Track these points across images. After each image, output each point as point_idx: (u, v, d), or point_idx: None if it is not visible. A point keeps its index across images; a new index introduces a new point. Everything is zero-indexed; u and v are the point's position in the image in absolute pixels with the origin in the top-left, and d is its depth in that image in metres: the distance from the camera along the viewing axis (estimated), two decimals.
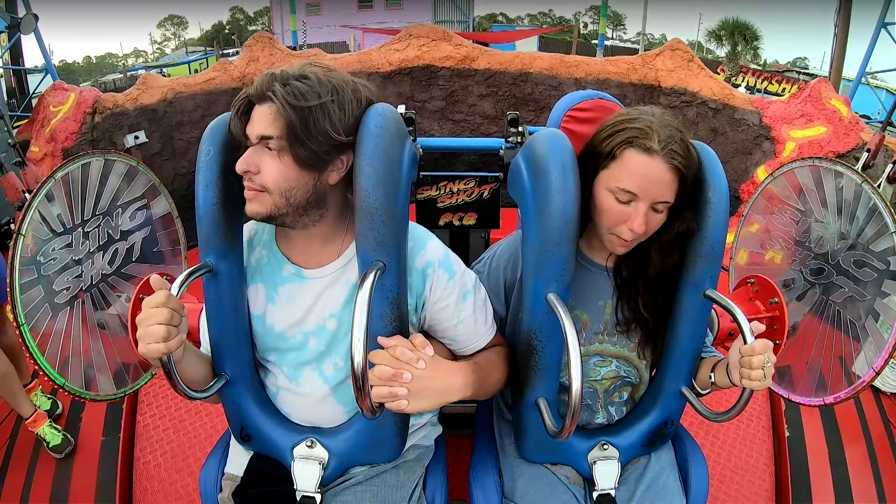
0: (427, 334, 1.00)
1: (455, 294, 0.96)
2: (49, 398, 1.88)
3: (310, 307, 0.95)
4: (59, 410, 1.87)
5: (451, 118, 3.98)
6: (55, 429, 1.76)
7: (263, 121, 0.82)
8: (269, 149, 0.83)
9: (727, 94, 3.43)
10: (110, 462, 1.72)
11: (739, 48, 16.29)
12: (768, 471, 1.85)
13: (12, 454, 1.77)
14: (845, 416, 1.95)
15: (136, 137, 3.17)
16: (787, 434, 1.84)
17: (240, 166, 0.84)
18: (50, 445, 1.73)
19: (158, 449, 1.86)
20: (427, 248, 0.95)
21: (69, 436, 1.76)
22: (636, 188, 0.89)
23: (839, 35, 5.59)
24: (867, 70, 5.06)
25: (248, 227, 1.00)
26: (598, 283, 1.05)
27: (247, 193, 0.86)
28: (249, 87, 0.84)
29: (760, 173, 3.12)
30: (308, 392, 0.98)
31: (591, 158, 0.94)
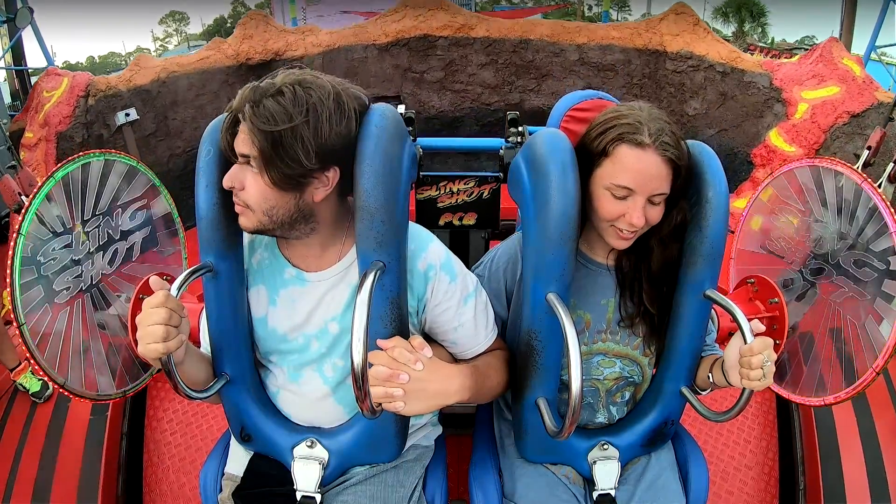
0: (427, 337, 1.01)
1: (456, 297, 0.95)
2: (39, 379, 1.88)
3: (312, 310, 0.95)
4: (49, 391, 1.87)
5: (451, 88, 3.88)
6: (34, 376, 1.82)
7: (242, 139, 0.81)
8: (251, 166, 0.82)
9: (735, 58, 3.33)
10: (96, 441, 1.72)
11: (746, 26, 16.05)
12: (772, 466, 1.83)
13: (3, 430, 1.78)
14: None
15: (127, 115, 3.13)
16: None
17: (225, 182, 0.84)
18: (30, 392, 1.80)
19: (166, 452, 1.87)
20: (429, 250, 0.95)
21: (48, 383, 1.80)
22: (632, 183, 0.90)
23: (846, 9, 5.46)
24: (876, 45, 4.91)
25: (246, 235, 1.01)
26: (600, 281, 1.05)
27: (236, 208, 0.87)
28: (234, 102, 0.83)
29: (773, 136, 3.04)
30: (308, 392, 0.98)
31: (584, 157, 0.94)
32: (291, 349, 0.97)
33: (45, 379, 1.87)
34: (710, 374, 1.00)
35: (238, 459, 1.05)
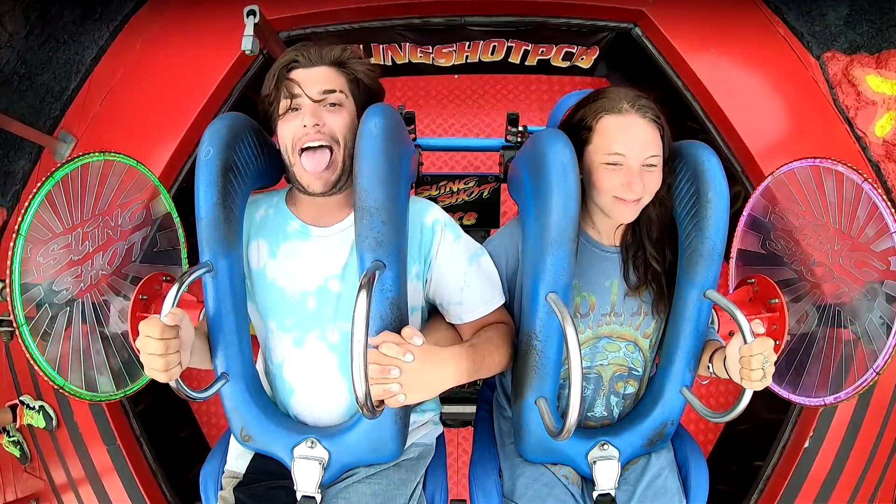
0: (429, 319, 1.02)
1: (461, 255, 0.98)
2: (38, 410, 1.87)
3: (311, 264, 0.97)
4: (54, 420, 1.88)
5: None
6: (33, 409, 1.82)
7: (323, 78, 0.93)
8: (331, 104, 0.93)
9: None
10: (123, 465, 1.75)
11: None
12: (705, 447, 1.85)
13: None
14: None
15: None
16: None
17: (310, 119, 0.90)
18: (41, 427, 1.80)
19: (216, 422, 1.92)
20: (433, 208, 1.00)
21: (46, 409, 1.82)
22: (623, 148, 0.93)
23: None
24: None
25: (252, 195, 1.03)
26: (605, 264, 1.06)
27: (318, 164, 0.91)
28: (295, 55, 0.94)
29: None
30: (313, 361, 0.98)
31: (573, 137, 0.96)
32: (289, 307, 0.98)
33: (46, 406, 1.89)
34: (710, 364, 1.01)
35: (239, 457, 1.05)
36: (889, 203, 1.02)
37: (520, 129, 1.37)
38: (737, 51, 1.90)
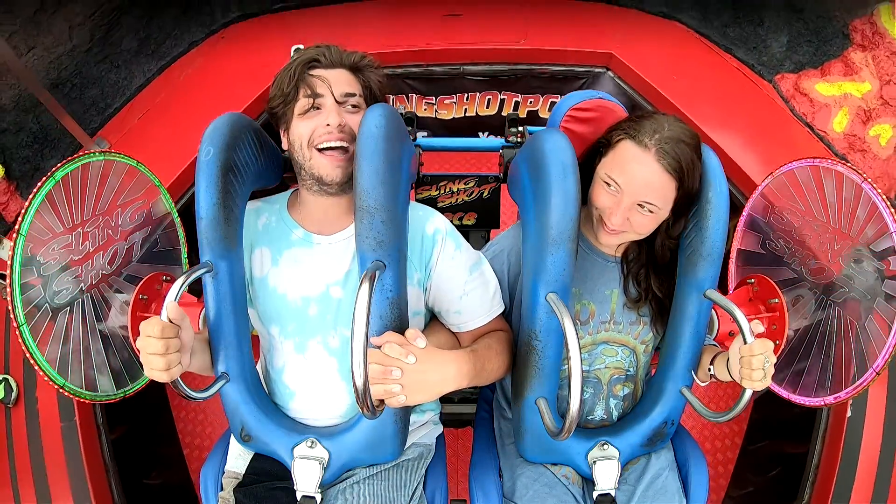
0: (429, 323, 1.02)
1: (462, 264, 0.98)
2: (0, 382, 1.79)
3: (314, 271, 0.97)
4: (14, 394, 1.82)
5: None
6: None
7: (344, 80, 0.96)
8: (352, 106, 0.96)
9: None
10: (73, 443, 1.70)
11: None
12: (731, 458, 1.88)
13: None
14: None
15: None
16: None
17: (335, 119, 0.92)
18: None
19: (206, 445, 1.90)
20: (435, 216, 1.00)
21: (10, 381, 1.73)
22: (621, 179, 0.91)
23: None
24: None
25: (253, 202, 1.03)
26: (606, 273, 1.07)
27: (336, 160, 0.92)
28: (316, 54, 0.94)
29: (884, 14, 2.16)
30: (314, 365, 0.99)
31: (596, 146, 0.98)
32: (291, 313, 0.98)
33: (10, 379, 1.83)
34: (710, 367, 1.01)
35: (239, 458, 1.05)
36: (888, 203, 1.02)
37: (520, 129, 1.37)
38: (700, 82, 2.14)
